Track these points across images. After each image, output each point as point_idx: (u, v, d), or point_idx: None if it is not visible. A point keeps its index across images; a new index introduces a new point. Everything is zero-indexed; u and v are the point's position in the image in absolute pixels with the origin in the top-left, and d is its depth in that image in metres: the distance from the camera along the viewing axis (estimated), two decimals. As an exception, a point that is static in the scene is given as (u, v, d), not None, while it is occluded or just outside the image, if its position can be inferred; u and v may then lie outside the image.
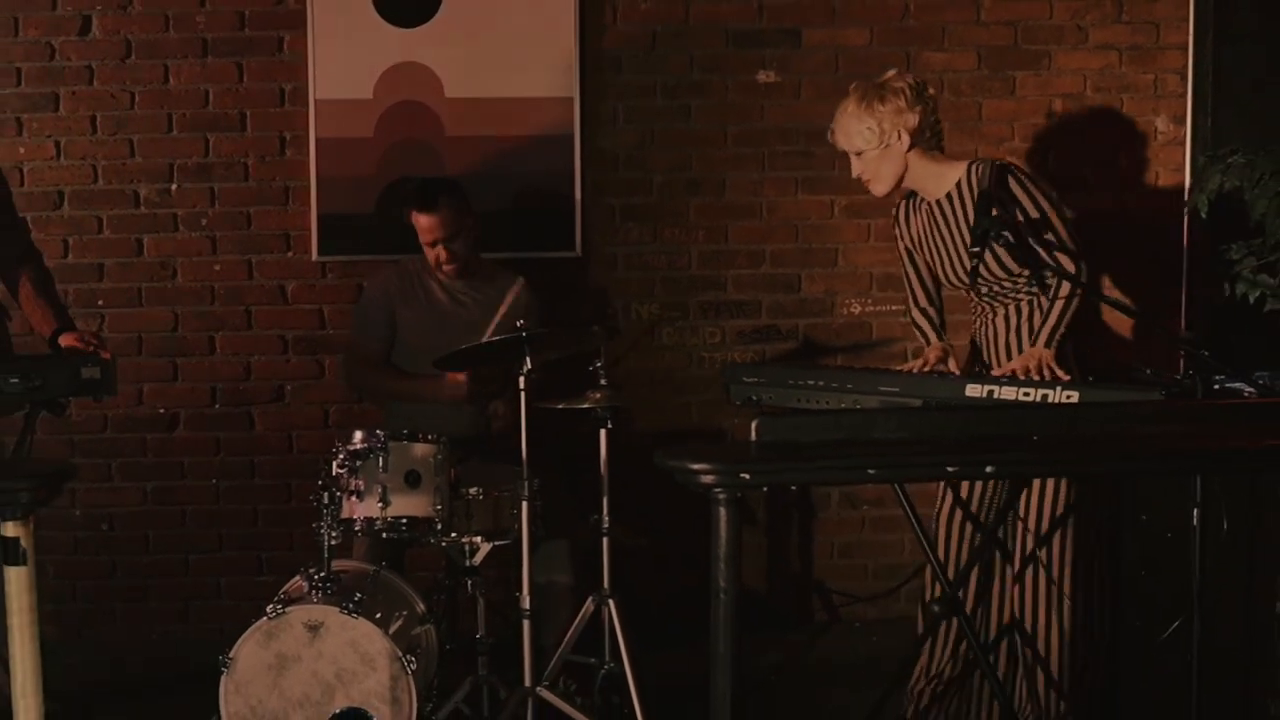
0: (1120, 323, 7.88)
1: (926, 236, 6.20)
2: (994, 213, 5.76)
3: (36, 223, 7.13)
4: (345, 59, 7.76)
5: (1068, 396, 5.36)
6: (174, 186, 7.84)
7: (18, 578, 4.19)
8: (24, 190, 7.30)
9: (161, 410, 7.90)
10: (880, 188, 6.21)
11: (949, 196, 6.05)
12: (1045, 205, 5.91)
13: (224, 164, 7.85)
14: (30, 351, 6.82)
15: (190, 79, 7.80)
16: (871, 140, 6.08)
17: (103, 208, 7.84)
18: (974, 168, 6.01)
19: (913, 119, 6.03)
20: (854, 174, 6.27)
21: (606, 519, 6.36)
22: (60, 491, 4.49)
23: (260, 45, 7.80)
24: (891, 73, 6.19)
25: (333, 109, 7.78)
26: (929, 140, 6.13)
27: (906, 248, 6.38)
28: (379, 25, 7.72)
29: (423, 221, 6.96)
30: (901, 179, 6.17)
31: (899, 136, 6.05)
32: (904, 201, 6.31)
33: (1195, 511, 5.14)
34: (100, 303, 7.69)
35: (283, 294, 7.90)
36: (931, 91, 6.21)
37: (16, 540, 4.15)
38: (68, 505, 7.89)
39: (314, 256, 7.86)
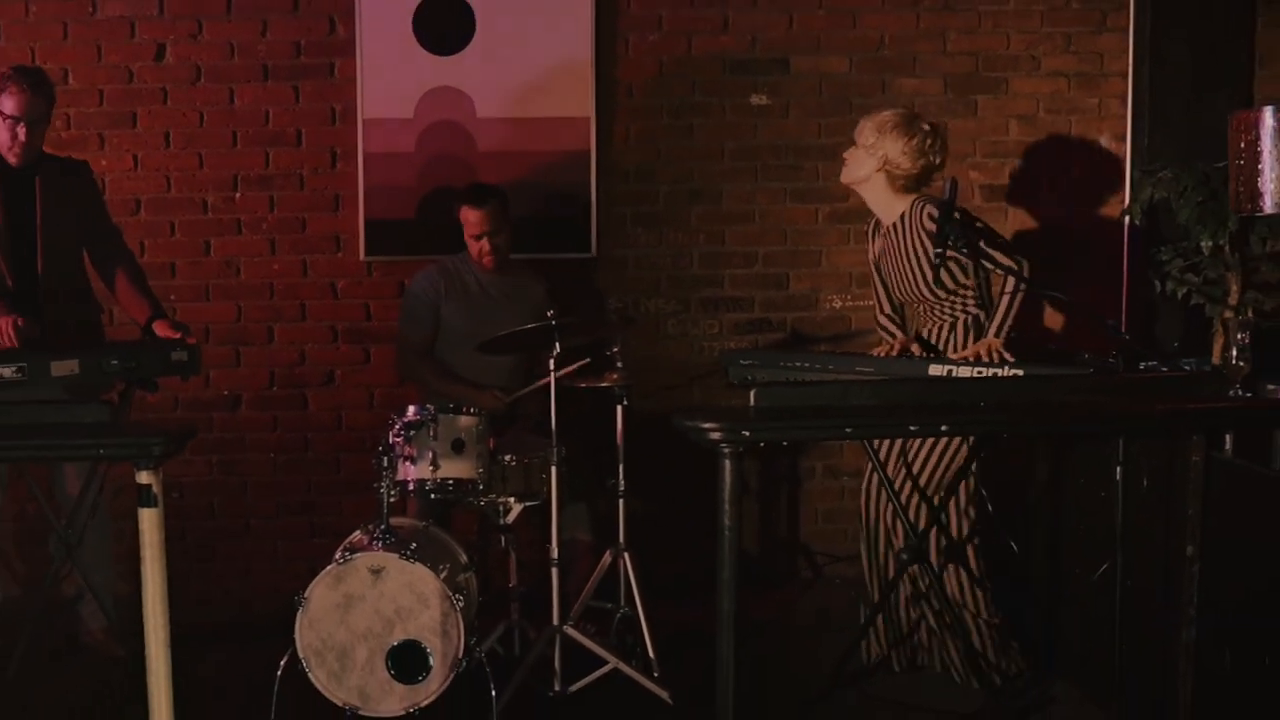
0: (1057, 320, 8.11)
1: (884, 256, 6.58)
2: (955, 220, 6.10)
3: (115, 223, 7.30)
4: (389, 83, 8.01)
5: (1013, 374, 5.74)
6: (238, 195, 8.10)
7: (150, 518, 4.70)
8: (105, 198, 7.40)
9: (226, 392, 8.17)
10: (845, 175, 6.62)
11: (894, 226, 6.46)
12: (981, 222, 6.38)
13: (282, 175, 8.10)
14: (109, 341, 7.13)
15: (252, 100, 8.06)
16: (866, 141, 6.45)
17: (175, 214, 8.09)
18: (915, 202, 6.41)
19: (896, 155, 6.41)
20: (844, 153, 6.64)
21: (622, 483, 6.70)
22: (183, 448, 4.93)
23: (314, 70, 8.06)
24: (928, 124, 6.53)
25: (378, 127, 8.03)
26: (900, 179, 6.48)
27: (874, 261, 6.73)
28: (419, 53, 7.98)
29: (473, 216, 7.23)
30: (859, 184, 6.56)
31: (880, 158, 6.43)
32: (872, 220, 6.66)
33: (1118, 469, 5.57)
34: (173, 297, 7.80)
35: (333, 290, 8.16)
36: (938, 160, 6.51)
37: (149, 487, 4.66)
38: (142, 473, 8.22)
39: (361, 257, 8.11)
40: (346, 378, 8.28)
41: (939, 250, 6.16)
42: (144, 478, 4.69)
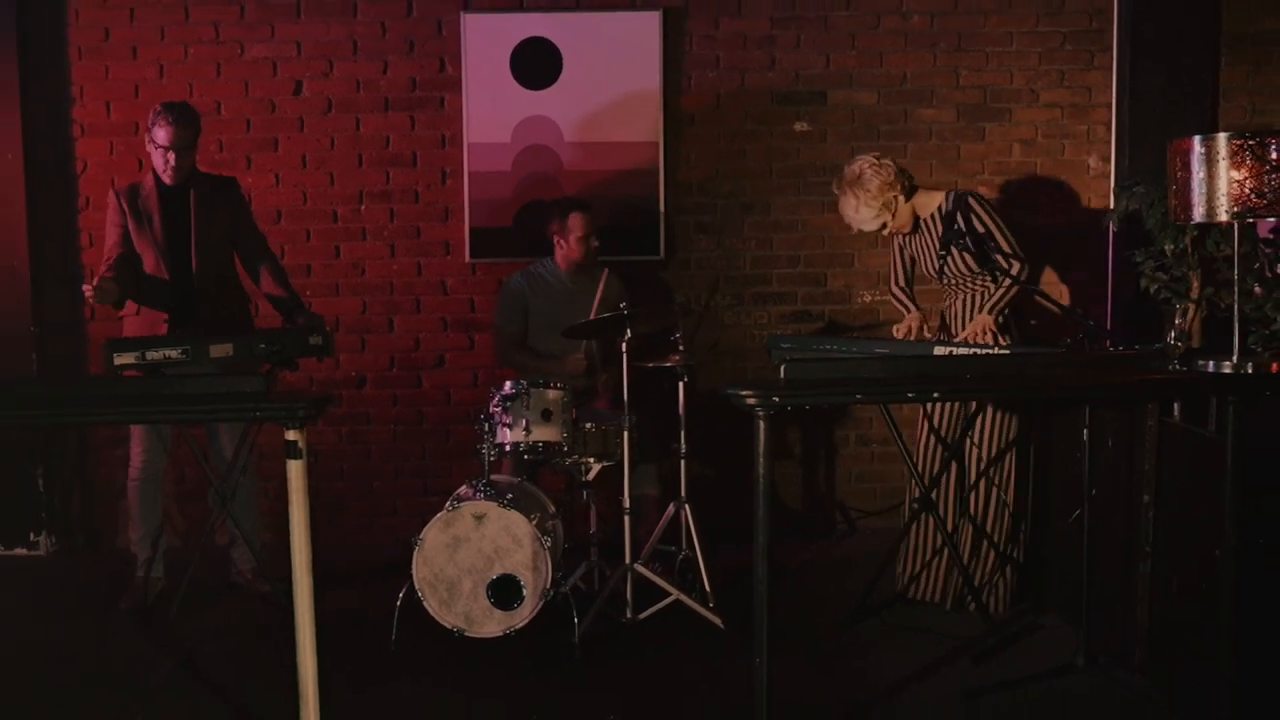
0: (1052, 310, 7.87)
1: (914, 238, 6.82)
2: (956, 227, 6.44)
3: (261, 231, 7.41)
4: (490, 113, 8.26)
5: (999, 352, 5.99)
6: (363, 207, 8.36)
7: (295, 468, 4.82)
8: (252, 209, 7.55)
9: (353, 373, 8.42)
10: (907, 228, 6.80)
11: (931, 216, 6.67)
12: (992, 224, 6.50)
13: (400, 191, 8.34)
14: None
15: (375, 128, 8.31)
16: (884, 214, 6.68)
17: (310, 223, 8.36)
18: (949, 196, 6.62)
19: (890, 179, 6.64)
20: (886, 233, 6.86)
21: (684, 447, 6.88)
22: (323, 412, 5.05)
23: (427, 103, 8.31)
24: (853, 166, 6.73)
25: (480, 150, 8.28)
26: (909, 187, 6.71)
27: (899, 243, 6.95)
28: (515, 88, 8.24)
29: (582, 220, 7.50)
30: (913, 213, 6.73)
31: (896, 199, 6.66)
32: None
33: (1085, 431, 5.74)
34: (308, 294, 7.98)
35: (443, 287, 8.41)
36: (887, 160, 6.71)
37: (295, 442, 4.81)
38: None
39: (467, 259, 8.35)
40: (454, 361, 8.49)
41: (942, 251, 6.51)
42: (291, 435, 4.84)
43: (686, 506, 6.92)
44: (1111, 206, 8.05)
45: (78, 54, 8.28)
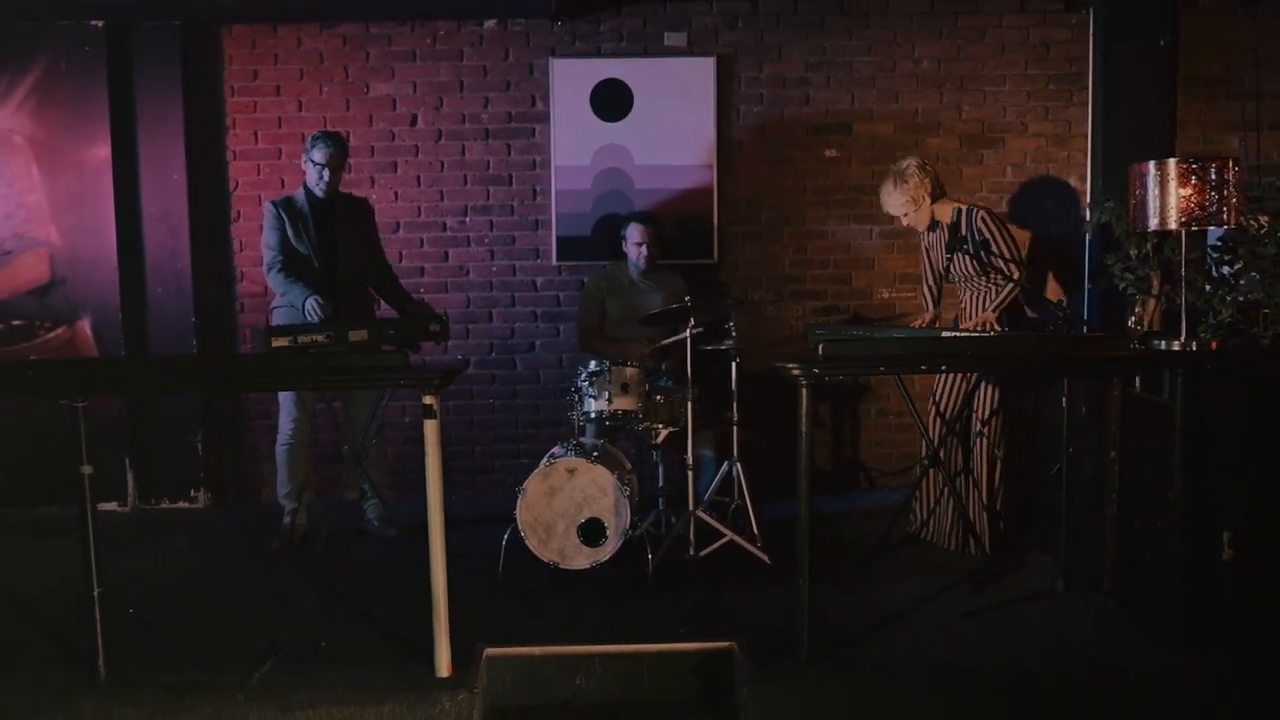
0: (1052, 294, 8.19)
1: (934, 243, 7.07)
2: (959, 236, 6.73)
3: (382, 242, 7.61)
4: (573, 141, 8.51)
5: (993, 335, 6.27)
6: (467, 219, 8.64)
7: (432, 427, 5.11)
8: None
9: (459, 356, 8.64)
10: (921, 227, 7.05)
11: (946, 226, 6.94)
12: (997, 234, 6.73)
13: (499, 206, 8.62)
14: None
15: (478, 153, 8.59)
16: (909, 206, 6.94)
17: (424, 232, 8.65)
18: (962, 209, 6.87)
19: (927, 184, 6.91)
20: (904, 225, 7.08)
21: (736, 415, 7.01)
22: (453, 380, 5.33)
23: (521, 132, 8.58)
24: (904, 162, 6.94)
25: (565, 172, 8.53)
26: (938, 192, 6.97)
27: (925, 247, 7.17)
28: (594, 120, 8.51)
29: (640, 229, 7.72)
30: (932, 216, 6.99)
31: (924, 198, 6.93)
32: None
33: (1063, 399, 6.04)
34: (421, 290, 8.35)
35: (534, 285, 8.68)
36: (929, 165, 6.94)
37: (432, 405, 5.08)
38: (400, 415, 8.56)
39: (554, 262, 8.61)
40: (544, 347, 8.74)
41: (947, 256, 6.80)
42: (428, 399, 5.08)
43: (738, 465, 7.08)
44: (1087, 219, 8.27)
45: (231, 91, 8.63)
